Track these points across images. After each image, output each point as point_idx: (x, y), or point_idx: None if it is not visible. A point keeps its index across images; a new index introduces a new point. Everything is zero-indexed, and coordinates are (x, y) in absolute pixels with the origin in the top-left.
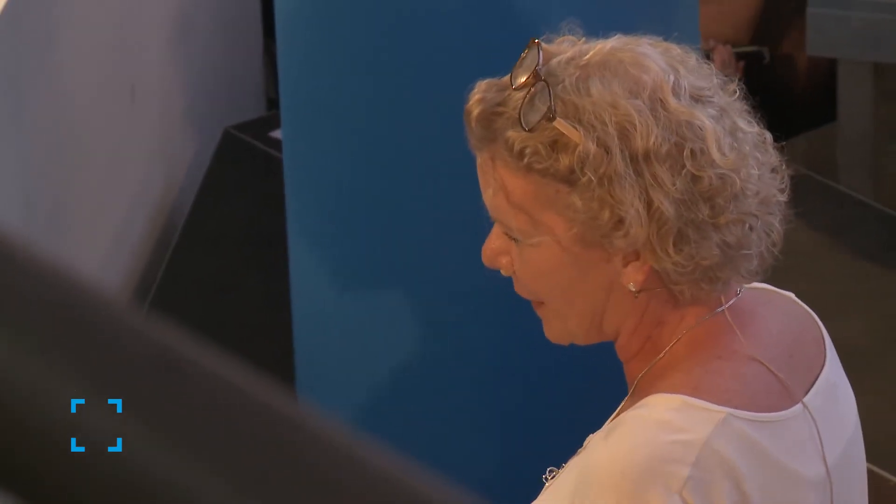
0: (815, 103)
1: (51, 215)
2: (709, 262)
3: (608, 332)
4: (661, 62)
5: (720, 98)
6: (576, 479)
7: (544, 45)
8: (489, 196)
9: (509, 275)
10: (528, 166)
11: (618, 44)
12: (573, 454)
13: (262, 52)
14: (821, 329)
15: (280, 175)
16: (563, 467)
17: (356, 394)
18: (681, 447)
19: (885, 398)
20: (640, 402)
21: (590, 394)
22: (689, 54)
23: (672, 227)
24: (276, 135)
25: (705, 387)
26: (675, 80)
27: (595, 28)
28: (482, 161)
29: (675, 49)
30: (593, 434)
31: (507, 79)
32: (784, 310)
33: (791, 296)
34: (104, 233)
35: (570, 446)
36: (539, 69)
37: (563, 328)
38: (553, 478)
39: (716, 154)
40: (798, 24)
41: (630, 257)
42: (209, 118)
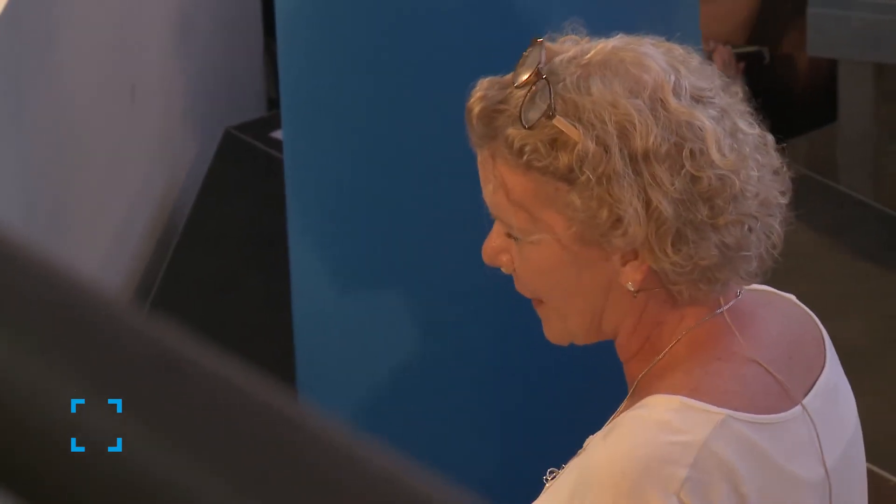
0: (816, 104)
1: (51, 215)
2: (707, 263)
3: (607, 332)
4: (663, 62)
5: (722, 99)
6: (575, 480)
7: (547, 43)
8: (489, 193)
9: (510, 273)
10: (528, 164)
11: (620, 43)
12: (573, 455)
13: (262, 52)
14: (821, 331)
15: (281, 175)
16: (563, 468)
17: (357, 394)
18: (679, 448)
19: (886, 398)
20: (639, 403)
21: (590, 394)
22: (692, 55)
23: (670, 226)
24: (277, 135)
25: (704, 388)
26: (675, 80)
27: (595, 28)
28: (482, 158)
29: (678, 49)
30: (593, 435)
31: (509, 77)
32: (784, 312)
33: (792, 298)
34: (105, 233)
35: (571, 447)
36: (541, 67)
37: (563, 328)
38: (553, 478)
39: (715, 155)
40: (798, 24)
41: (629, 256)
42: (210, 118)
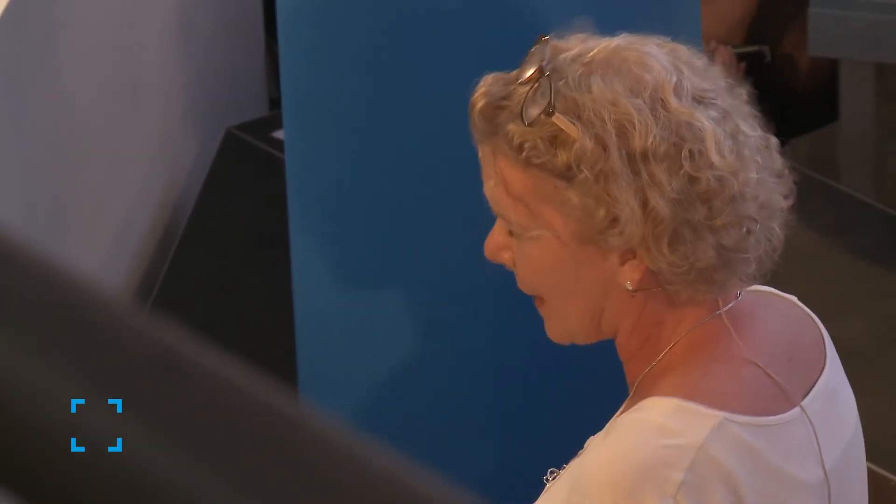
0: (817, 103)
1: (52, 215)
2: (704, 264)
3: (606, 331)
4: (665, 62)
5: (725, 101)
6: (572, 483)
7: (554, 41)
8: (490, 188)
9: (512, 269)
10: (527, 160)
11: (624, 42)
12: (574, 455)
13: (263, 52)
14: (822, 332)
15: (282, 175)
16: (564, 468)
17: (358, 393)
18: (675, 451)
19: (886, 398)
20: (636, 406)
21: (590, 394)
22: (699, 56)
23: (667, 226)
24: (278, 135)
25: (702, 390)
26: (677, 81)
27: (596, 28)
28: (484, 154)
29: (683, 50)
30: (594, 436)
31: (514, 73)
32: (784, 313)
33: (793, 299)
34: (106, 232)
35: (571, 447)
36: (544, 65)
37: (563, 327)
38: (554, 478)
39: (714, 156)
40: (799, 24)
41: (627, 256)
42: (211, 118)
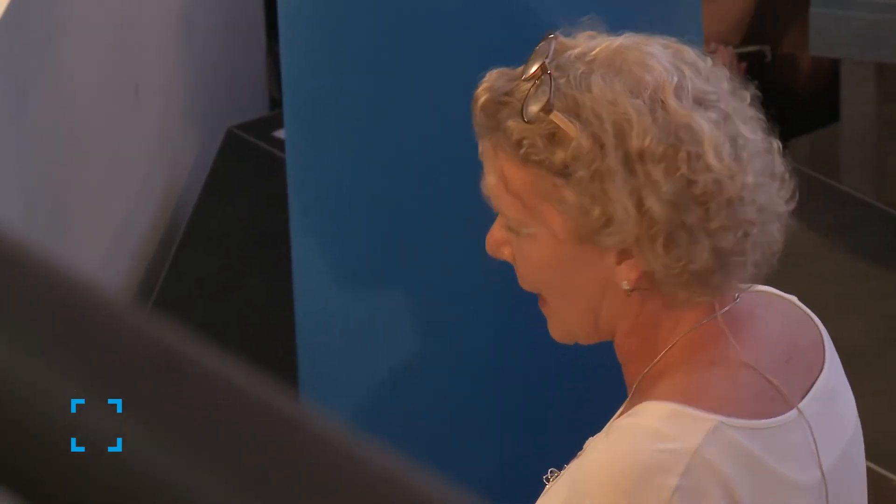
0: (818, 103)
1: (52, 215)
2: (699, 267)
3: (604, 332)
4: (667, 63)
5: (727, 103)
6: (569, 488)
7: (561, 38)
8: (490, 184)
9: (513, 264)
10: (525, 157)
11: (628, 42)
12: (574, 455)
13: (264, 52)
14: (821, 332)
15: (283, 175)
16: (564, 469)
17: (358, 393)
18: (670, 456)
19: (886, 398)
20: (631, 410)
21: (591, 394)
22: (704, 58)
23: (662, 228)
24: (279, 134)
25: (697, 394)
26: (678, 82)
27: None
28: (485, 149)
29: (688, 52)
30: (593, 437)
31: (519, 69)
32: (784, 314)
33: (793, 299)
34: (106, 233)
35: (571, 447)
36: (547, 62)
37: (564, 326)
38: (554, 478)
39: (712, 159)
40: (799, 24)
41: (623, 255)
42: (212, 118)
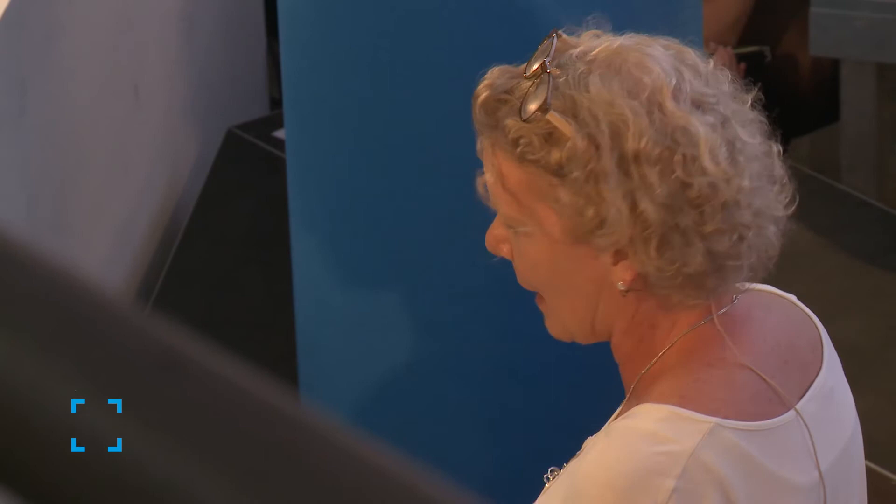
0: (818, 103)
1: (53, 215)
2: (693, 270)
3: (601, 332)
4: (667, 65)
5: (726, 106)
6: (567, 487)
7: (564, 36)
8: (488, 181)
9: (512, 261)
10: (522, 156)
11: (629, 42)
12: (573, 455)
13: (265, 52)
14: (820, 332)
15: (283, 174)
16: (563, 467)
17: (357, 392)
18: (667, 459)
19: (886, 398)
20: (628, 412)
21: (590, 394)
22: (706, 60)
23: (656, 230)
24: (280, 134)
25: (694, 396)
26: (676, 84)
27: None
28: (483, 146)
29: (690, 53)
30: (592, 436)
31: (521, 67)
32: (782, 313)
33: (793, 298)
34: (107, 232)
35: (571, 446)
36: (548, 61)
37: (561, 324)
38: (554, 477)
39: (708, 163)
40: (799, 23)
41: (619, 256)
42: (212, 118)
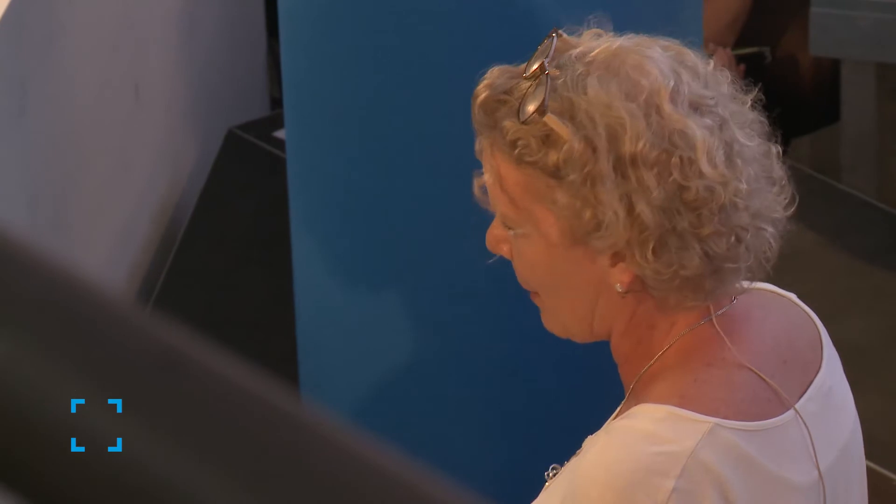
0: (818, 104)
1: (54, 215)
2: (690, 272)
3: (599, 332)
4: (666, 67)
5: (725, 108)
6: (566, 488)
7: (565, 36)
8: (487, 181)
9: (512, 261)
10: (519, 157)
11: (628, 44)
12: (573, 453)
13: (265, 52)
14: (819, 331)
15: (284, 174)
16: (564, 466)
17: (358, 392)
18: (666, 459)
19: (887, 398)
20: (627, 412)
21: (591, 392)
22: (705, 61)
23: (652, 233)
24: (280, 134)
25: (693, 396)
26: (674, 87)
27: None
28: (482, 146)
29: (689, 55)
30: (592, 435)
31: (521, 67)
32: (782, 313)
33: (792, 297)
34: (108, 232)
35: (572, 445)
36: (547, 61)
37: (559, 323)
38: (555, 475)
39: (705, 165)
40: (799, 23)
41: (617, 258)
42: (213, 118)
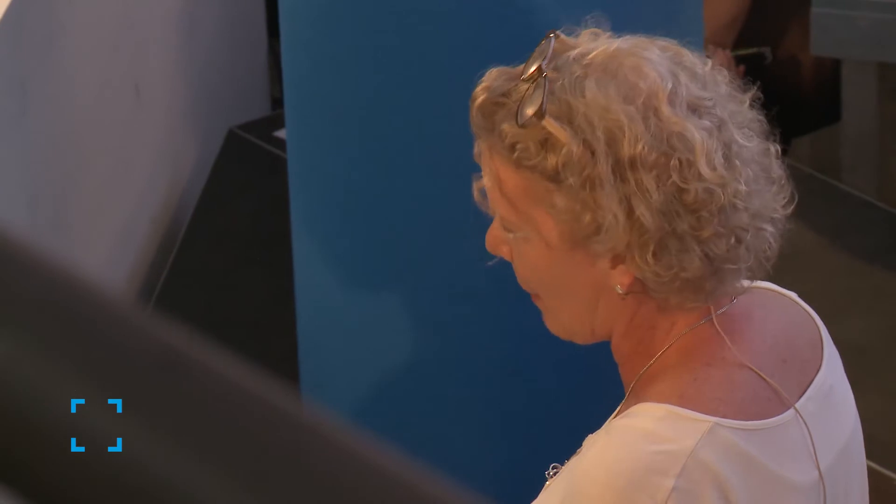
0: (819, 103)
1: (54, 215)
2: (690, 274)
3: (600, 334)
4: (664, 69)
5: (723, 109)
6: (566, 487)
7: (562, 37)
8: (486, 184)
9: (512, 262)
10: (518, 161)
11: (625, 45)
12: (573, 452)
13: (266, 52)
14: (820, 331)
15: (284, 174)
16: (565, 465)
17: (359, 392)
18: (665, 458)
19: (889, 397)
20: (627, 411)
21: (591, 392)
22: (703, 62)
23: (652, 236)
24: (281, 134)
25: (693, 396)
26: (672, 89)
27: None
28: (480, 149)
29: (687, 55)
30: (592, 434)
31: (518, 69)
32: (782, 312)
33: (793, 296)
34: (108, 232)
35: (573, 444)
36: (544, 64)
37: (560, 325)
38: (555, 474)
39: (704, 168)
40: (800, 23)
41: (618, 260)
42: (214, 118)
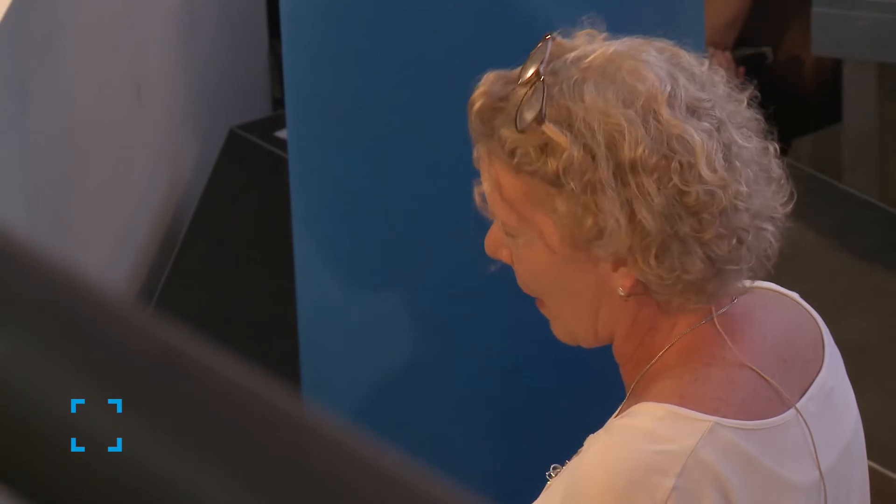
0: (819, 103)
1: (55, 215)
2: (693, 276)
3: (603, 336)
4: (662, 71)
5: (722, 109)
6: (566, 487)
7: (559, 39)
8: (485, 189)
9: (511, 264)
10: (518, 166)
11: (622, 48)
12: (574, 452)
13: (267, 52)
14: (821, 331)
15: (285, 175)
16: (565, 465)
17: (360, 392)
18: (665, 458)
19: (890, 397)
20: (628, 411)
21: (592, 392)
22: (701, 62)
23: (654, 239)
24: (282, 134)
25: (693, 395)
26: (671, 91)
27: (604, 25)
28: (479, 154)
29: (685, 56)
30: (593, 434)
31: (515, 72)
32: (783, 312)
33: (794, 296)
34: (109, 232)
35: (574, 444)
36: (542, 67)
37: (565, 329)
38: (556, 474)
39: (705, 170)
40: (800, 23)
41: (619, 262)
42: (214, 118)
